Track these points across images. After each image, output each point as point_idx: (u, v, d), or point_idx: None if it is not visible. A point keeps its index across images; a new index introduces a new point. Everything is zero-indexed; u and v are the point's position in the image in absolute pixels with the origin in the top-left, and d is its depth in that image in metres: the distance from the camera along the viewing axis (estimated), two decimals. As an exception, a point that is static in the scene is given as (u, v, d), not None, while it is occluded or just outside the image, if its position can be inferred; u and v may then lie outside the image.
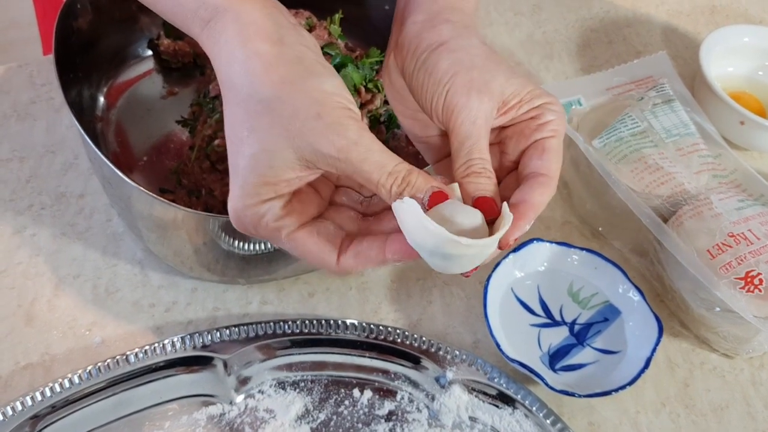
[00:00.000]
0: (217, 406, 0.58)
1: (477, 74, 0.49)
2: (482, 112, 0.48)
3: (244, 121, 0.44)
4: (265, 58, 0.44)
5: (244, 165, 0.44)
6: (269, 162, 0.44)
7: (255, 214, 0.45)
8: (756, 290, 0.60)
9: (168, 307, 0.64)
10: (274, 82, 0.43)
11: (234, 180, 0.45)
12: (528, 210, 0.47)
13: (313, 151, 0.43)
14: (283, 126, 0.43)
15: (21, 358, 0.60)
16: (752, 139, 0.79)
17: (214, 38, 0.45)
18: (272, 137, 0.43)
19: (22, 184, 0.69)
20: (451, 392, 0.59)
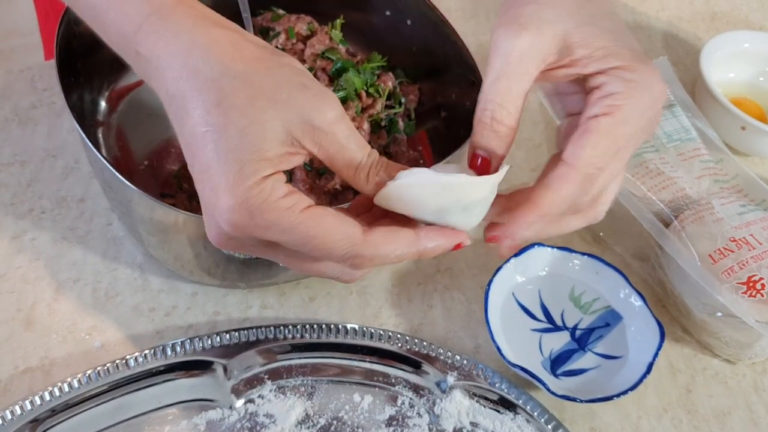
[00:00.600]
0: (216, 411, 0.58)
1: (533, 8, 0.43)
2: (518, 49, 0.42)
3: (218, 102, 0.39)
4: (232, 39, 0.41)
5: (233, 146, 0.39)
6: (261, 134, 0.39)
7: (260, 195, 0.39)
8: (758, 295, 0.60)
9: (168, 312, 0.63)
10: (247, 58, 0.40)
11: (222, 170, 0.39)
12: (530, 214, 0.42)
13: (302, 122, 0.40)
14: (267, 98, 0.39)
15: (20, 362, 0.60)
16: (753, 145, 0.79)
17: (161, 31, 0.41)
18: (257, 110, 0.39)
19: (23, 188, 0.69)
20: (452, 397, 0.59)
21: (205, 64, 0.40)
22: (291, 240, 0.40)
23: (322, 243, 0.40)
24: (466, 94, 0.71)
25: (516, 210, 0.43)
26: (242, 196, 0.39)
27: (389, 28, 0.76)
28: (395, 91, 0.73)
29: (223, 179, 0.39)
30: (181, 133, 0.41)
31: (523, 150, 0.79)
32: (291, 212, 0.40)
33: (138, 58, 0.42)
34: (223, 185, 0.39)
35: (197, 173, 0.41)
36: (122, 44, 0.43)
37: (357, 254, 0.41)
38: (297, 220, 0.40)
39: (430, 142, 0.75)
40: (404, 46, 0.76)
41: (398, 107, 0.72)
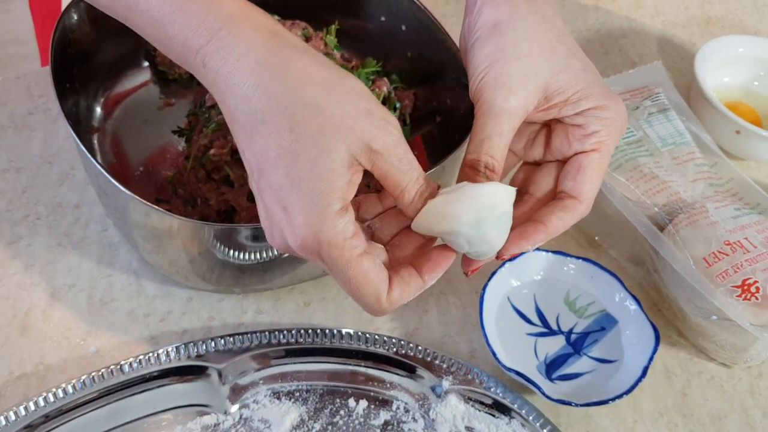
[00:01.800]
0: (211, 416, 0.58)
1: (515, 67, 0.47)
2: (506, 110, 0.47)
3: (290, 129, 0.41)
4: (303, 63, 0.43)
5: (306, 175, 0.41)
6: (330, 164, 0.42)
7: (333, 231, 0.42)
8: (753, 298, 0.60)
9: (163, 317, 0.63)
10: (318, 84, 0.42)
11: (295, 195, 0.42)
12: (538, 232, 0.48)
13: (362, 146, 0.42)
14: (335, 125, 0.42)
15: (15, 368, 0.60)
16: (748, 149, 0.79)
17: (231, 47, 0.43)
18: (327, 138, 0.41)
19: (18, 194, 0.69)
20: (447, 402, 0.59)
21: (277, 87, 0.42)
22: (337, 274, 0.44)
23: (357, 290, 0.44)
24: (460, 99, 0.71)
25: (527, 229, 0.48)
26: (318, 227, 0.42)
27: (384, 33, 0.76)
28: (390, 97, 0.73)
29: (297, 206, 0.42)
30: (249, 148, 0.43)
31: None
32: (350, 254, 0.43)
33: (205, 69, 0.44)
34: (297, 211, 0.42)
35: (264, 187, 0.43)
36: (188, 56, 0.44)
37: (377, 309, 0.46)
38: (351, 263, 0.43)
39: (425, 146, 0.76)
40: (399, 51, 0.76)
41: (393, 112, 0.72)
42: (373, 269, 0.44)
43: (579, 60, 0.50)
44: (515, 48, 0.48)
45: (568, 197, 0.49)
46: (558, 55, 0.48)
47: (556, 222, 0.48)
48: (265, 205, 0.44)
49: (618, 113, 0.49)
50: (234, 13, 0.44)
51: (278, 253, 0.59)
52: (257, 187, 0.44)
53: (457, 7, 0.93)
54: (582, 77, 0.48)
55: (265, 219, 0.45)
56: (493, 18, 0.49)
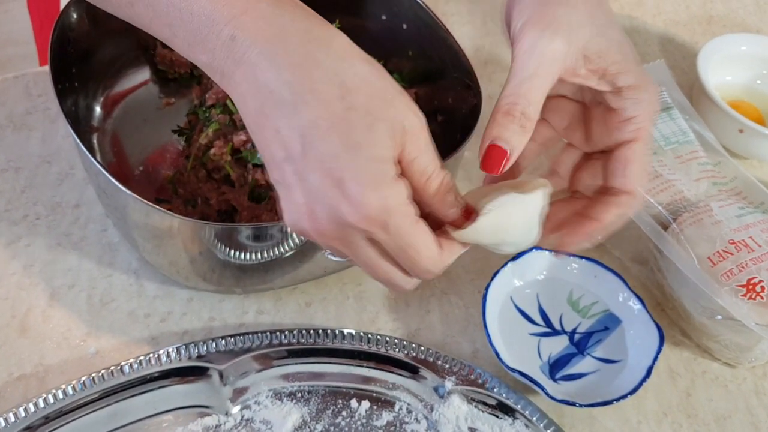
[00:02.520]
0: (212, 417, 0.57)
1: (563, 13, 0.46)
2: (546, 55, 0.45)
3: (341, 97, 0.40)
4: (346, 39, 0.42)
5: (361, 141, 0.40)
6: (385, 132, 0.40)
7: (397, 197, 0.41)
8: (758, 297, 0.59)
9: (163, 318, 0.63)
10: (361, 58, 0.42)
11: (354, 163, 0.40)
12: (594, 229, 0.48)
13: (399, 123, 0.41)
14: (381, 97, 0.41)
15: (15, 368, 0.59)
16: (751, 148, 0.79)
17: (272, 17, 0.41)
18: (377, 109, 0.41)
19: (17, 194, 0.69)
20: (450, 402, 0.58)
21: (325, 57, 0.41)
22: (394, 244, 0.42)
23: (416, 255, 0.43)
24: (462, 99, 0.70)
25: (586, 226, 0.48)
26: (385, 192, 0.41)
27: (385, 32, 0.76)
28: (391, 96, 0.73)
29: (357, 174, 0.40)
30: (292, 122, 0.41)
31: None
32: (410, 219, 0.42)
33: (233, 43, 0.41)
34: (358, 179, 0.40)
35: (313, 162, 0.41)
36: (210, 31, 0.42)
37: (431, 272, 0.44)
38: (411, 229, 0.42)
39: (426, 146, 0.75)
40: (400, 50, 0.75)
41: (395, 111, 0.72)
42: (428, 232, 0.43)
43: (617, 32, 0.49)
44: (559, 8, 0.46)
45: (621, 193, 0.49)
46: (599, 21, 0.47)
47: (611, 219, 0.48)
48: (307, 185, 0.41)
49: (653, 95, 0.48)
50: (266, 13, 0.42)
51: (280, 253, 0.58)
52: (299, 167, 0.41)
53: (458, 5, 0.92)
54: (619, 49, 0.47)
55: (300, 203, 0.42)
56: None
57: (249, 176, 0.64)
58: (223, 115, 0.66)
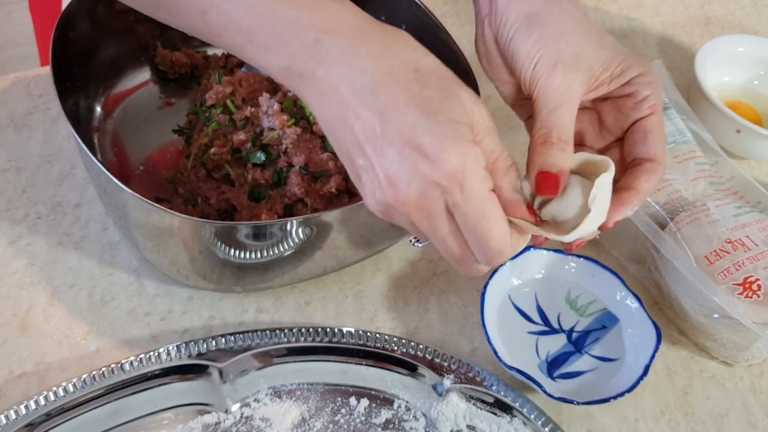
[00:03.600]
0: (212, 415, 0.57)
1: (565, 46, 0.49)
2: (566, 87, 0.49)
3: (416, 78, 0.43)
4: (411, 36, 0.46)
5: (443, 109, 0.42)
6: (460, 103, 0.43)
7: (477, 159, 0.43)
8: (755, 296, 0.60)
9: (163, 316, 0.63)
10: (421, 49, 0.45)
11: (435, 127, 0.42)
12: (632, 197, 0.50)
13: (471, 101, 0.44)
14: (450, 80, 0.44)
15: (15, 367, 0.59)
16: (749, 148, 0.79)
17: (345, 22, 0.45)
18: (449, 86, 0.44)
19: (18, 193, 0.69)
20: (448, 400, 0.58)
21: (402, 48, 0.44)
22: (469, 211, 0.44)
23: (488, 229, 0.44)
24: (461, 98, 0.71)
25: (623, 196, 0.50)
26: (464, 151, 0.42)
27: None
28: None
29: (437, 137, 0.42)
30: (370, 105, 0.43)
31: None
32: (485, 186, 0.44)
33: (317, 44, 0.44)
34: (438, 141, 0.42)
35: (392, 136, 0.42)
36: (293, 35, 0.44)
37: (501, 252, 0.45)
38: (485, 197, 0.44)
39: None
40: (399, 51, 0.76)
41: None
42: (501, 208, 0.45)
43: (608, 36, 0.52)
44: (559, 30, 0.50)
45: (645, 161, 0.51)
46: (593, 35, 0.51)
47: (644, 185, 0.50)
48: (387, 158, 0.43)
49: (656, 76, 0.52)
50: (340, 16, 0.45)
51: (279, 252, 0.59)
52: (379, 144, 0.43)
53: (456, 6, 0.93)
54: (619, 50, 0.51)
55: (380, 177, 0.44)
56: (527, 9, 0.51)
57: (249, 175, 0.64)
58: (223, 115, 0.67)
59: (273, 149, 0.65)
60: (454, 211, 0.44)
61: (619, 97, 0.52)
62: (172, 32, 0.76)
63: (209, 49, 0.78)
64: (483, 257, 0.46)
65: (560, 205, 0.49)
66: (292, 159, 0.64)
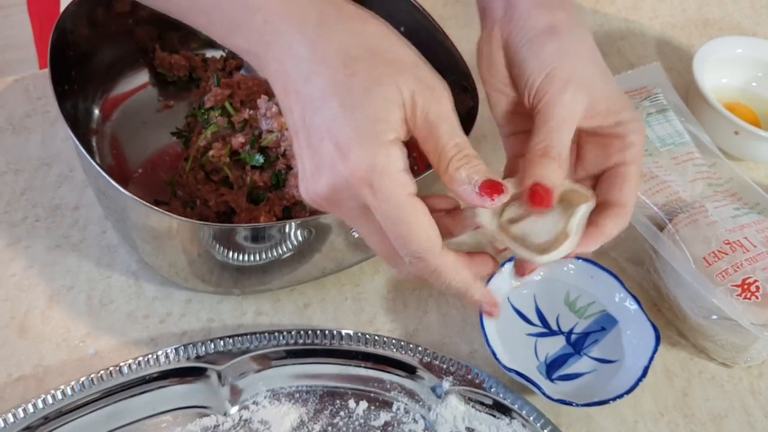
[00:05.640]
0: (211, 418, 0.57)
1: (580, 67, 0.49)
2: (573, 106, 0.49)
3: (344, 65, 0.42)
4: (362, 15, 0.44)
5: (359, 103, 0.41)
6: (384, 95, 0.41)
7: (387, 158, 0.41)
8: (753, 297, 0.60)
9: (162, 319, 0.63)
10: (374, 33, 0.44)
11: (350, 123, 0.41)
12: (598, 235, 0.49)
13: (412, 92, 0.42)
14: (389, 64, 0.42)
15: (14, 369, 0.59)
16: (747, 149, 0.79)
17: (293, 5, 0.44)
18: (380, 73, 0.42)
19: (17, 196, 0.69)
20: (447, 402, 0.58)
21: (340, 31, 0.43)
22: (386, 216, 0.42)
23: (407, 233, 0.42)
24: (459, 101, 0.70)
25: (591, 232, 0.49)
26: (372, 150, 0.41)
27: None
28: (389, 98, 0.73)
29: (350, 132, 0.41)
30: (306, 89, 0.42)
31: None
32: (402, 190, 0.42)
33: (265, 26, 0.43)
34: (351, 138, 0.41)
35: (317, 126, 0.42)
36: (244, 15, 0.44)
37: (425, 258, 0.44)
38: (402, 201, 0.42)
39: (424, 148, 0.75)
40: (398, 53, 0.76)
41: (392, 113, 0.72)
42: (425, 213, 0.42)
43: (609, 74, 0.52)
44: (576, 50, 0.50)
45: (616, 206, 0.50)
46: (601, 66, 0.51)
47: (611, 227, 0.50)
48: (312, 150, 0.43)
49: (643, 129, 0.51)
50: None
51: (278, 254, 0.59)
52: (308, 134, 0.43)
53: (455, 9, 0.93)
54: (617, 88, 0.51)
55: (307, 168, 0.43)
56: (548, 21, 0.50)
57: (247, 178, 0.64)
58: (222, 118, 0.67)
59: (271, 151, 0.65)
60: (372, 210, 0.43)
61: (606, 135, 0.51)
62: (171, 35, 0.76)
63: (208, 52, 0.78)
64: (409, 261, 0.44)
65: (535, 225, 0.48)
66: (290, 161, 0.64)
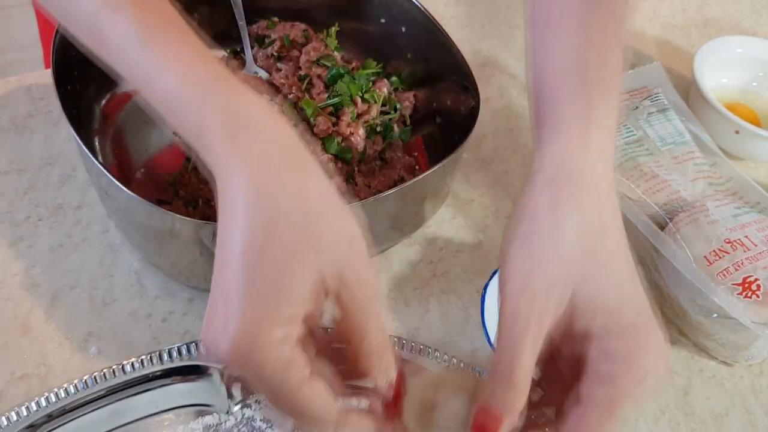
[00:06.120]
0: (213, 416, 0.57)
1: (553, 268, 0.41)
2: (537, 312, 0.41)
3: (264, 226, 0.39)
4: (308, 168, 0.42)
5: (265, 273, 0.38)
6: (294, 271, 0.39)
7: (269, 338, 0.38)
8: (754, 296, 0.60)
9: (165, 318, 0.63)
10: (313, 195, 0.41)
11: (248, 289, 0.39)
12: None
13: (335, 270, 0.40)
14: (313, 238, 0.39)
15: (17, 369, 0.60)
16: (747, 149, 0.79)
17: (241, 149, 0.41)
18: (299, 247, 0.39)
19: (20, 196, 0.69)
20: (449, 400, 0.58)
21: (274, 188, 0.40)
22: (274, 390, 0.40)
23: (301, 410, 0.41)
24: (460, 100, 0.71)
25: None
26: (260, 326, 0.38)
27: (384, 35, 0.76)
28: (390, 98, 0.73)
29: (244, 298, 0.39)
30: (223, 233, 0.41)
31: (518, 155, 0.79)
32: (288, 370, 0.39)
33: (206, 150, 0.42)
34: (242, 304, 0.39)
35: (217, 280, 0.41)
36: (192, 128, 0.42)
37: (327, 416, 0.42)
38: (288, 381, 0.39)
39: (425, 148, 0.76)
40: (399, 53, 0.76)
41: (393, 113, 0.72)
42: (320, 388, 0.41)
43: (623, 261, 0.44)
44: (548, 243, 0.42)
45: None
46: (595, 258, 0.42)
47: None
48: (212, 295, 0.42)
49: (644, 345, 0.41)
50: (255, 118, 0.42)
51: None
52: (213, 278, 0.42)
53: (456, 9, 0.93)
54: (616, 289, 0.42)
55: (208, 311, 0.42)
56: (533, 202, 0.44)
57: (249, 177, 0.64)
58: (224, 117, 0.67)
59: (273, 151, 0.65)
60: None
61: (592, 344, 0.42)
62: (173, 35, 0.76)
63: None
64: None
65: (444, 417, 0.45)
66: (292, 160, 0.64)
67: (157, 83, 0.43)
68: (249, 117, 0.42)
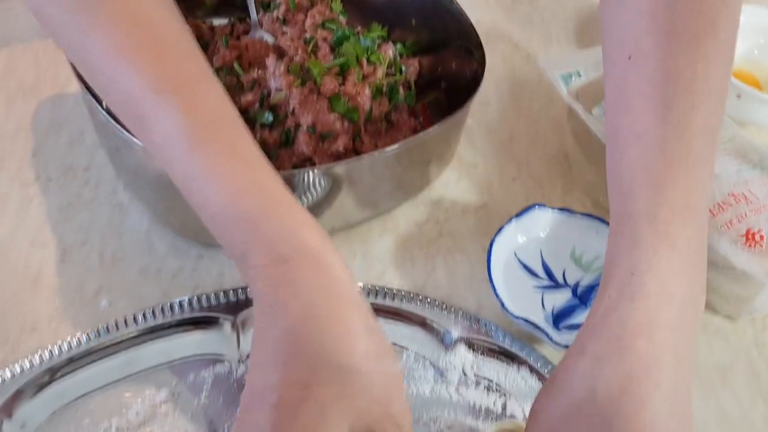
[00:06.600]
0: (224, 365, 0.58)
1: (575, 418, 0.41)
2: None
3: (300, 386, 0.38)
4: (359, 324, 0.41)
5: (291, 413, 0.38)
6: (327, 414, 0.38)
7: None
8: (757, 246, 0.60)
9: (174, 273, 0.64)
10: (360, 353, 0.40)
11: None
12: None
13: (373, 422, 0.39)
14: (348, 397, 0.39)
15: (28, 323, 0.60)
16: (749, 113, 0.80)
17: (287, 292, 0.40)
18: (332, 410, 0.38)
19: (28, 157, 0.70)
20: (456, 351, 0.59)
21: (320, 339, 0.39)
22: None
23: None
24: (465, 64, 0.72)
25: None
26: None
27: (388, 2, 0.77)
28: (395, 61, 0.74)
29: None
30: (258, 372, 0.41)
31: (522, 122, 0.80)
32: None
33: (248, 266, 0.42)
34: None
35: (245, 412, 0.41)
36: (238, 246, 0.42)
37: None
38: None
39: (431, 113, 0.76)
40: (403, 20, 0.77)
41: (399, 75, 0.73)
42: None
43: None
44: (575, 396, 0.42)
45: None
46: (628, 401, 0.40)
47: None
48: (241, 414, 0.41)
49: None
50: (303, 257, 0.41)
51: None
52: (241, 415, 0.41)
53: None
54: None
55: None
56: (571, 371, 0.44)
57: (257, 136, 0.65)
58: (230, 77, 0.67)
59: (280, 110, 0.66)
60: None
61: None
62: (178, 3, 0.77)
63: (215, 20, 0.79)
64: None
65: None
66: (299, 119, 0.65)
67: (204, 191, 0.42)
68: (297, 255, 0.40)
